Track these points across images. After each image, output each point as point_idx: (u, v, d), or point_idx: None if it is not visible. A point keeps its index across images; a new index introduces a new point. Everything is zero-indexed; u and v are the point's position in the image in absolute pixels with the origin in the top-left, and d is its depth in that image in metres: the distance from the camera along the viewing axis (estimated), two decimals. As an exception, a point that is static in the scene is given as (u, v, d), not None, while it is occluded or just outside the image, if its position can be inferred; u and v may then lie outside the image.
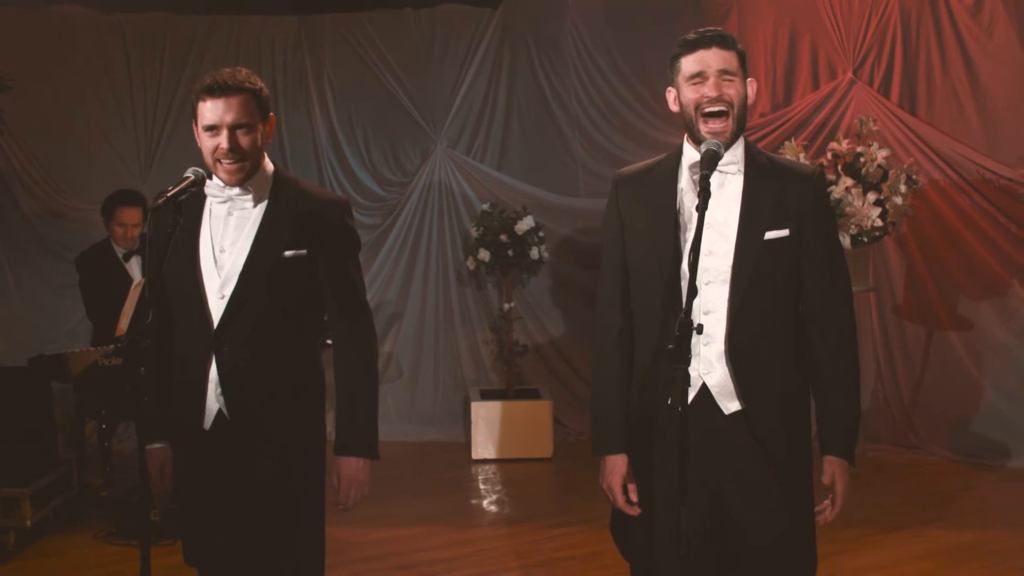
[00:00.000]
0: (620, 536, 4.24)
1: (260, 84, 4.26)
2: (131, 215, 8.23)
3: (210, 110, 4.15)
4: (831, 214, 4.22)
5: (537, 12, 10.46)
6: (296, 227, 4.25)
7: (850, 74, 9.69)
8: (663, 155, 4.22)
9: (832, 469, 4.07)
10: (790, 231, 4.01)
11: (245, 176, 4.20)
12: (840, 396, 4.08)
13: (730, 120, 3.99)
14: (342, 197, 4.51)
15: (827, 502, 4.07)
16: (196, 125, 4.22)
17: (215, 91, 4.14)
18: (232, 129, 4.15)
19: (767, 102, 9.98)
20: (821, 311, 4.07)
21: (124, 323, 7.48)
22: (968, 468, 9.00)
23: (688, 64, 4.01)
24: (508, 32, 10.48)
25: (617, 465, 4.13)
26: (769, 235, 3.99)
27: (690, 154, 4.07)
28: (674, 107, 4.09)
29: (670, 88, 4.08)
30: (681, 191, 4.07)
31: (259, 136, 4.22)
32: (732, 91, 3.99)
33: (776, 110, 9.93)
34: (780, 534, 4.03)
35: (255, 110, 4.20)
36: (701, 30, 4.04)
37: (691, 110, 4.00)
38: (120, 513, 7.49)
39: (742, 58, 4.03)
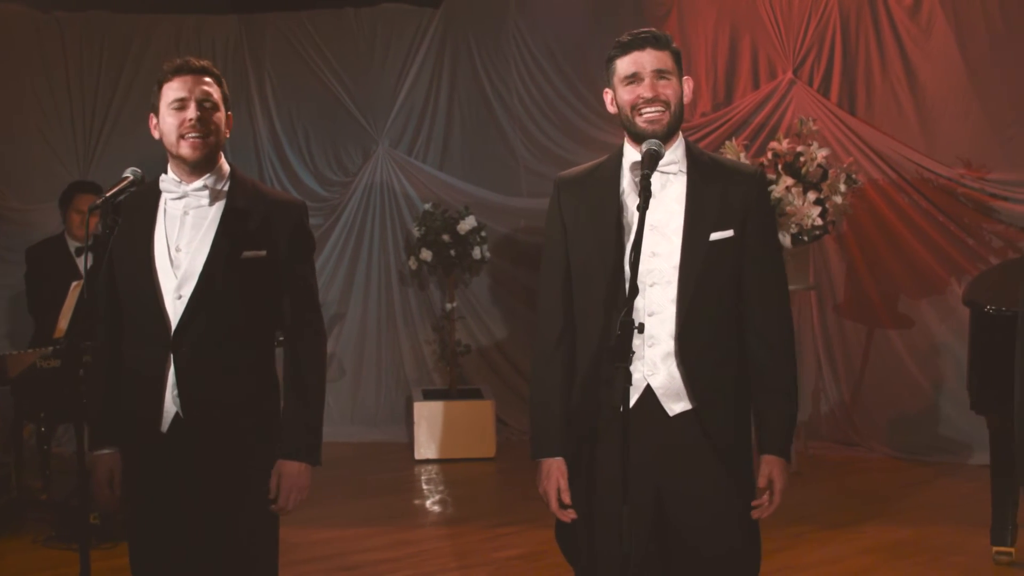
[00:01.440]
0: (565, 540, 4.24)
1: (223, 80, 4.31)
2: (88, 202, 8.17)
3: (178, 86, 4.18)
4: (772, 214, 4.26)
5: (479, 12, 10.45)
6: (254, 228, 4.23)
7: (790, 74, 9.74)
8: (604, 157, 4.23)
9: (769, 469, 4.07)
10: (734, 232, 4.03)
11: (206, 156, 4.18)
12: (778, 395, 4.10)
13: (667, 115, 3.99)
14: (300, 199, 4.52)
15: (764, 497, 4.08)
16: (155, 116, 4.23)
17: (184, 70, 4.20)
18: (200, 102, 4.16)
19: (708, 102, 10.02)
20: (760, 311, 4.08)
21: (63, 324, 7.41)
22: (907, 465, 9.07)
23: (623, 65, 4.02)
24: (450, 32, 10.47)
25: (553, 469, 4.13)
26: (714, 236, 4.01)
27: (631, 155, 4.08)
28: (611, 108, 4.10)
29: (607, 90, 4.10)
30: (623, 192, 4.08)
31: (223, 123, 4.24)
32: (668, 90, 4.00)
33: (717, 110, 9.97)
34: (724, 534, 4.06)
35: (220, 98, 4.25)
36: (635, 31, 4.05)
37: (628, 111, 4.02)
38: (60, 517, 7.41)
39: (677, 57, 4.05)
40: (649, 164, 3.85)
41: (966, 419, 8.34)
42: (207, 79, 4.21)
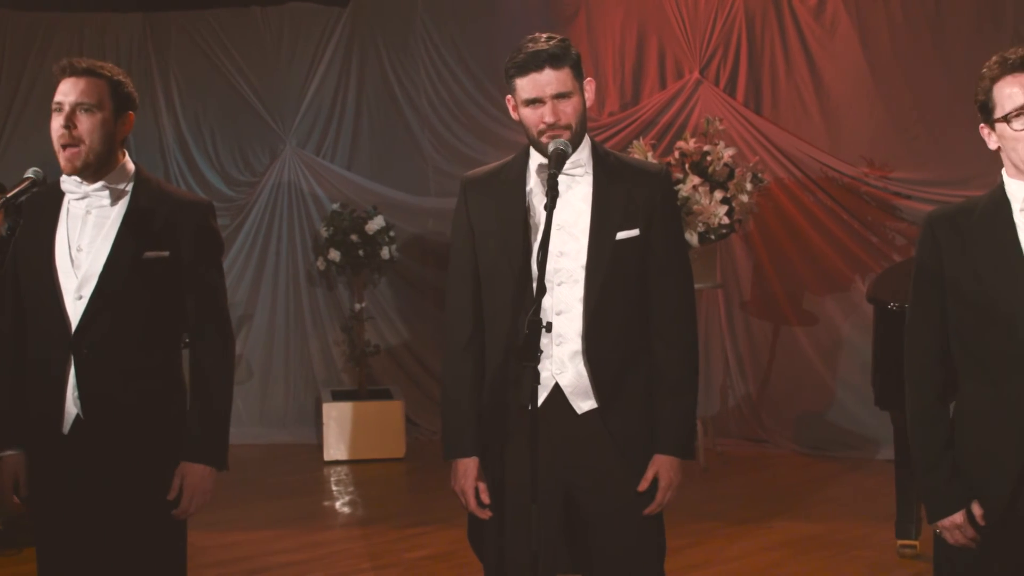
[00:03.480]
0: (477, 539, 4.24)
1: (121, 77, 4.20)
2: None
3: (60, 89, 4.12)
4: (678, 213, 4.28)
5: (386, 11, 10.42)
6: (158, 228, 4.17)
7: (697, 74, 9.81)
8: (510, 157, 4.23)
9: (655, 468, 4.07)
10: (640, 231, 4.05)
11: (85, 165, 4.10)
12: (673, 394, 4.11)
13: (569, 133, 3.98)
14: (206, 199, 4.45)
15: (658, 496, 4.10)
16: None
17: (66, 71, 4.12)
18: (73, 108, 4.08)
19: (615, 101, 10.06)
20: (663, 310, 4.11)
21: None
22: (814, 460, 9.18)
23: (523, 87, 3.98)
24: (357, 31, 10.42)
25: (469, 468, 4.12)
26: (620, 235, 4.03)
27: (537, 156, 4.09)
28: (515, 115, 4.10)
29: (509, 97, 4.09)
30: (529, 193, 4.09)
31: (106, 124, 4.13)
32: (570, 110, 3.99)
33: (624, 109, 10.02)
34: (629, 531, 4.08)
35: (106, 97, 4.14)
36: (533, 47, 3.98)
37: (532, 131, 4.00)
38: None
39: (577, 66, 4.03)
40: (556, 164, 3.85)
41: (871, 415, 8.44)
42: (92, 80, 4.11)
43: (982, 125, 3.78)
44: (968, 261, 3.78)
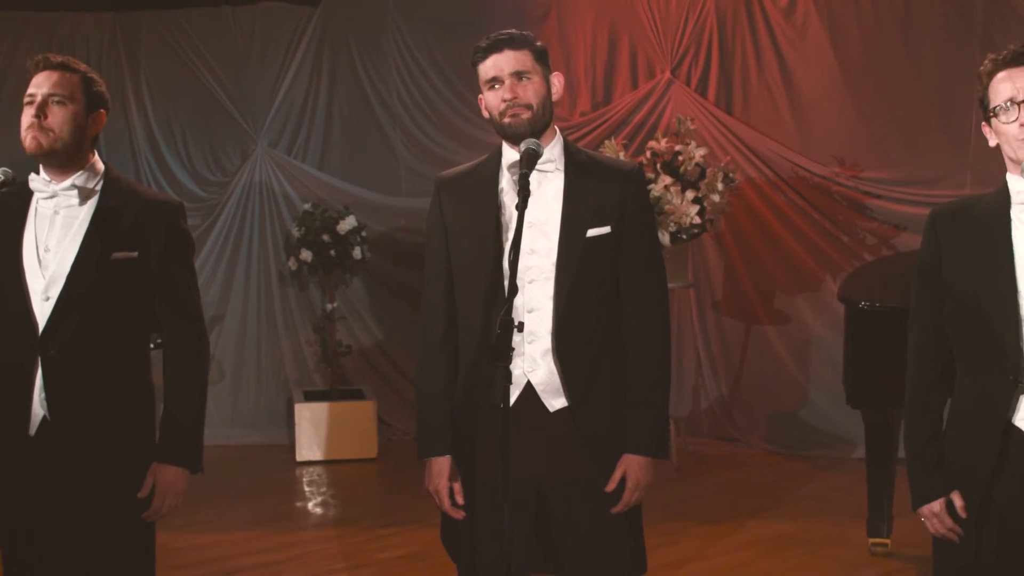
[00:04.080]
0: (450, 539, 4.24)
1: (93, 75, 4.21)
2: None
3: (31, 84, 4.11)
4: (650, 211, 4.29)
5: (358, 11, 10.39)
6: (127, 228, 4.15)
7: (668, 74, 9.83)
8: (484, 156, 4.24)
9: (624, 467, 4.08)
10: (612, 228, 4.05)
11: (51, 150, 4.08)
12: (643, 392, 4.12)
13: (528, 113, 4.00)
14: (176, 199, 4.40)
15: (625, 495, 4.11)
16: None
17: (40, 66, 4.13)
18: (45, 99, 4.08)
19: (587, 101, 10.08)
20: (635, 308, 4.11)
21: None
22: (786, 459, 9.20)
23: (484, 70, 4.04)
24: (329, 31, 10.40)
25: (443, 468, 4.12)
26: (591, 232, 4.03)
27: (509, 155, 4.10)
28: (485, 114, 4.12)
29: (480, 96, 4.11)
30: (502, 191, 4.10)
31: (77, 118, 4.13)
32: (529, 90, 4.01)
33: (596, 109, 10.03)
34: (602, 530, 4.08)
35: (79, 92, 4.14)
36: (494, 34, 4.06)
37: (495, 114, 4.04)
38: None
39: (539, 54, 4.06)
40: (528, 163, 3.86)
41: (842, 414, 8.48)
42: (65, 74, 4.12)
43: (983, 123, 3.81)
44: (962, 256, 3.82)
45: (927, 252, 3.94)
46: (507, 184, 4.09)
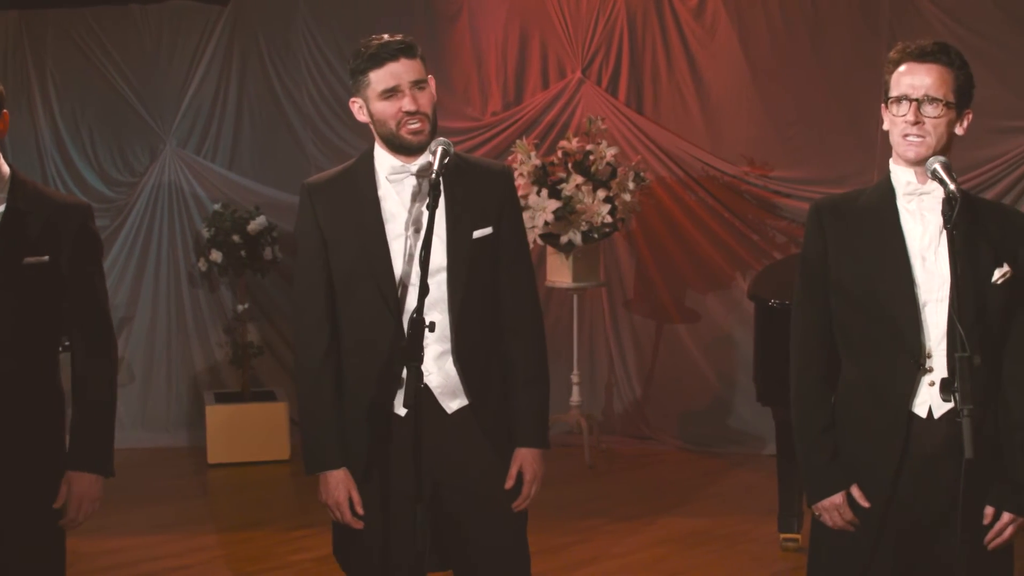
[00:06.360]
0: (345, 553, 4.26)
1: None
2: None
3: None
4: (520, 211, 4.35)
5: (268, 10, 10.31)
6: (37, 232, 4.07)
7: (579, 73, 9.86)
8: (351, 161, 4.30)
9: (519, 461, 4.15)
10: (492, 228, 4.13)
11: None
12: (527, 386, 4.20)
13: (427, 124, 4.05)
14: (85, 201, 4.34)
15: (524, 489, 4.15)
16: None
17: None
18: None
19: (498, 101, 10.07)
20: (511, 304, 4.19)
21: None
22: (698, 457, 9.26)
23: (379, 79, 4.06)
24: (238, 30, 10.31)
25: (340, 479, 4.14)
26: (477, 234, 4.11)
27: (385, 157, 4.14)
28: (361, 117, 4.14)
29: (354, 99, 4.11)
30: (382, 198, 4.13)
31: None
32: (426, 99, 4.06)
33: (507, 109, 10.03)
34: (497, 528, 4.13)
35: None
36: (382, 41, 4.08)
37: (391, 124, 4.05)
38: None
39: (424, 60, 4.11)
40: (440, 162, 3.88)
41: (754, 411, 8.56)
42: None
43: (882, 104, 3.87)
44: (851, 248, 3.88)
45: (811, 246, 4.01)
46: (387, 191, 4.12)
